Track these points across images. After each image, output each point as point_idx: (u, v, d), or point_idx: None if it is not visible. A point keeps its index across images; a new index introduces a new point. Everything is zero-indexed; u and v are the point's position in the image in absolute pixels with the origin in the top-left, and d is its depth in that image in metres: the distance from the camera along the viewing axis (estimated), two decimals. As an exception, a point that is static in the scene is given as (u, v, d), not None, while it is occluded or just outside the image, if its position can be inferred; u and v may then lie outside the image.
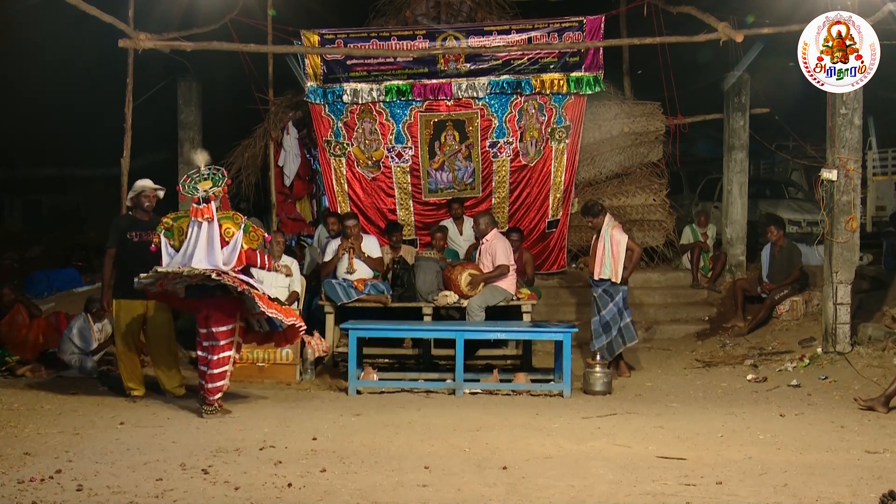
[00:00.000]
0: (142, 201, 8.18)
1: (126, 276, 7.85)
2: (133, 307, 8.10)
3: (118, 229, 8.16)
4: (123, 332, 8.14)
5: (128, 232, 8.10)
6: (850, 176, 9.34)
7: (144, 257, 7.83)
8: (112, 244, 8.13)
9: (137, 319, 8.14)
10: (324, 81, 11.41)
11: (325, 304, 9.70)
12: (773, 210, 14.88)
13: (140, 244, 7.98)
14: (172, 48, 9.87)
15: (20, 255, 16.08)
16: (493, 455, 6.03)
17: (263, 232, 7.63)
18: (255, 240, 7.45)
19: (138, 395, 8.11)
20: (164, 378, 8.24)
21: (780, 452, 6.16)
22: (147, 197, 8.19)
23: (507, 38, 11.32)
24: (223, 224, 7.30)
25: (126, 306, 8.10)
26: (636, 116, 12.22)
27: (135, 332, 8.17)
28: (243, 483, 5.31)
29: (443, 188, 11.75)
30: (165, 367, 8.24)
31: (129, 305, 8.09)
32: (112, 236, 8.16)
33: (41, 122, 17.02)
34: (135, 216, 8.23)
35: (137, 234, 8.07)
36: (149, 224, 8.06)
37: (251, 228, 7.44)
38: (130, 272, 7.78)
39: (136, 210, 8.22)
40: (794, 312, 10.93)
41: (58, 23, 11.74)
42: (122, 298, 8.08)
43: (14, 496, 4.98)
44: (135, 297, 7.97)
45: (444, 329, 9.15)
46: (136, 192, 8.22)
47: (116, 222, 8.31)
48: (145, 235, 7.94)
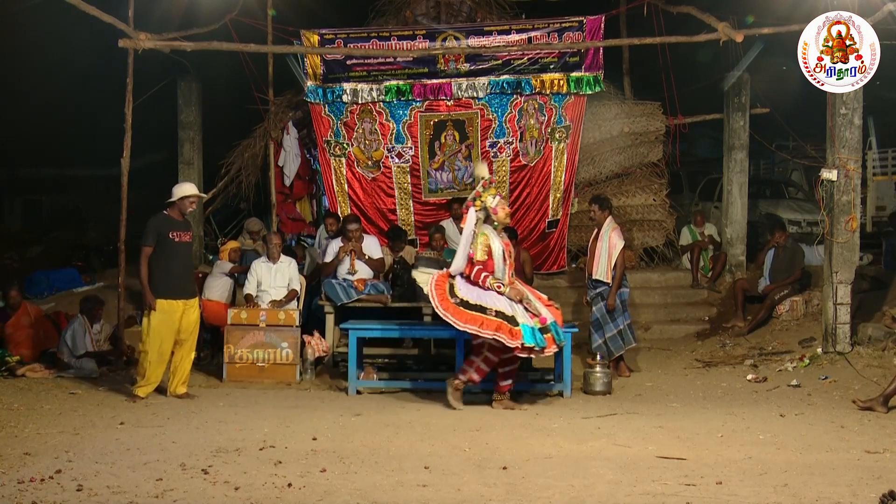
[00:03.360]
0: (186, 205, 8.19)
1: (167, 276, 7.90)
2: (174, 308, 8.03)
3: (156, 229, 8.04)
4: (159, 333, 7.99)
5: (169, 232, 8.03)
6: (850, 176, 9.35)
7: (185, 257, 8.02)
8: (150, 243, 8.00)
9: (176, 321, 8.04)
10: (324, 81, 11.41)
11: (325, 304, 9.70)
12: (773, 210, 14.88)
13: (181, 244, 8.04)
14: (172, 48, 9.87)
15: (20, 255, 16.07)
16: (493, 455, 6.02)
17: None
18: None
19: (144, 397, 8.05)
20: (177, 376, 8.19)
21: (780, 452, 6.15)
22: (192, 202, 8.25)
23: (507, 38, 11.32)
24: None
25: (167, 307, 8.00)
26: (636, 116, 12.22)
27: (172, 333, 8.05)
28: (243, 483, 5.30)
29: (443, 188, 11.75)
30: (183, 366, 8.19)
31: (170, 306, 8.00)
32: (150, 235, 8.01)
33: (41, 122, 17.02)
34: (171, 216, 8.15)
35: (177, 234, 8.05)
36: (184, 224, 8.14)
37: None
38: (171, 272, 7.85)
39: (172, 210, 8.16)
40: (794, 312, 10.93)
41: (58, 23, 11.74)
42: (164, 298, 7.98)
43: (14, 496, 4.98)
44: (176, 297, 7.99)
45: (444, 329, 9.13)
46: (183, 197, 8.16)
47: (155, 222, 8.12)
48: (184, 235, 8.08)
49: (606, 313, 9.29)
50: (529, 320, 7.47)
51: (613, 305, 9.23)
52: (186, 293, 8.17)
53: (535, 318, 7.51)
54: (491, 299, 7.49)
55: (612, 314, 9.29)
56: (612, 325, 9.29)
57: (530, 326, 7.43)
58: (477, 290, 7.54)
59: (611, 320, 9.29)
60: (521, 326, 7.39)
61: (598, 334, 9.34)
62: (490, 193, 7.62)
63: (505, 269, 7.60)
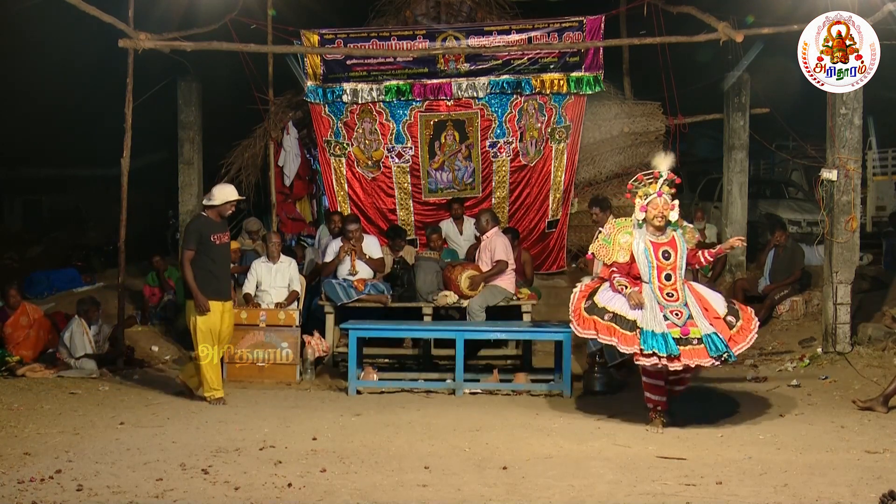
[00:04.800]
0: (227, 209, 8.17)
1: (210, 278, 7.90)
2: (217, 309, 8.00)
3: (198, 232, 7.98)
4: (210, 335, 7.95)
5: (210, 234, 7.99)
6: (850, 176, 9.35)
7: (225, 259, 8.08)
8: (192, 247, 7.93)
9: (217, 322, 8.00)
10: (324, 81, 11.41)
11: (325, 304, 9.70)
12: (773, 210, 14.89)
13: (221, 246, 8.04)
14: (172, 48, 9.87)
15: (20, 255, 16.07)
16: (493, 455, 6.03)
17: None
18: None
19: (221, 397, 7.95)
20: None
21: (780, 452, 6.15)
22: (233, 206, 8.25)
23: (507, 38, 11.32)
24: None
25: (215, 308, 7.98)
26: (636, 116, 12.22)
27: (215, 334, 8.00)
28: (243, 483, 5.31)
29: (443, 188, 11.75)
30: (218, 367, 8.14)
31: (216, 308, 7.98)
32: (192, 239, 7.95)
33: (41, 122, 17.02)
34: (209, 218, 8.09)
35: (217, 237, 8.03)
36: (222, 226, 8.13)
37: None
38: (213, 274, 7.87)
39: (210, 212, 8.09)
40: (794, 312, 10.93)
41: (58, 23, 11.74)
42: (212, 300, 7.94)
43: (14, 496, 4.98)
44: (219, 298, 7.99)
45: (444, 329, 9.15)
46: (225, 201, 8.10)
47: (196, 225, 8.07)
48: (223, 237, 8.08)
49: None
50: (659, 326, 6.78)
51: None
52: (225, 295, 8.16)
53: (676, 328, 6.78)
54: (618, 302, 6.99)
55: None
56: None
57: (658, 332, 6.75)
58: (610, 293, 7.10)
59: None
60: (642, 331, 6.78)
61: (594, 341, 9.31)
62: (649, 189, 7.15)
63: (651, 270, 7.03)
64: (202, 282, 7.92)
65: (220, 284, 8.05)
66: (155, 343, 10.86)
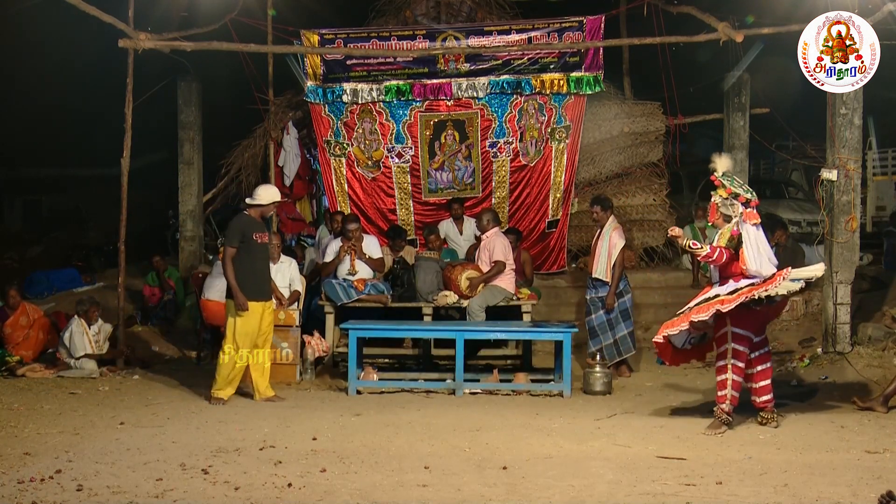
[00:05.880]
0: (270, 209, 8.25)
1: (251, 277, 7.88)
2: (257, 310, 7.97)
3: (241, 230, 7.96)
4: (249, 334, 7.92)
5: (253, 233, 7.97)
6: (850, 176, 9.34)
7: (265, 258, 8.12)
8: (235, 244, 7.91)
9: (257, 322, 7.97)
10: (324, 81, 11.41)
11: (325, 304, 9.70)
12: (773, 210, 14.87)
13: (262, 245, 8.05)
14: (172, 48, 9.88)
15: (20, 255, 16.07)
16: (493, 455, 6.03)
17: None
18: None
19: (222, 397, 7.91)
20: (261, 379, 8.10)
21: (780, 452, 6.16)
22: (275, 206, 8.33)
23: (507, 38, 11.32)
24: None
25: (257, 308, 7.96)
26: (636, 116, 12.21)
27: (254, 335, 7.97)
28: (243, 483, 5.31)
29: (443, 188, 11.75)
30: (266, 369, 8.13)
31: (256, 308, 7.95)
32: (236, 236, 7.93)
33: (41, 122, 17.04)
34: (251, 216, 8.09)
35: (259, 236, 8.03)
36: (262, 225, 8.17)
37: None
38: (255, 273, 7.87)
39: (253, 211, 8.09)
40: (794, 312, 10.92)
41: (58, 23, 11.76)
42: (252, 300, 7.91)
43: (14, 496, 4.98)
44: (260, 298, 7.98)
45: (444, 329, 9.15)
46: (271, 202, 8.14)
47: (240, 223, 8.03)
48: (264, 237, 8.10)
49: (605, 322, 9.28)
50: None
51: (612, 305, 9.22)
52: (266, 294, 8.15)
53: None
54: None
55: (610, 322, 9.28)
56: (610, 335, 9.30)
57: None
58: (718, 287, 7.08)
59: (608, 329, 9.28)
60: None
61: (595, 341, 9.34)
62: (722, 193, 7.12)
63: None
64: (243, 281, 7.88)
65: (260, 284, 8.04)
66: (155, 343, 10.87)
